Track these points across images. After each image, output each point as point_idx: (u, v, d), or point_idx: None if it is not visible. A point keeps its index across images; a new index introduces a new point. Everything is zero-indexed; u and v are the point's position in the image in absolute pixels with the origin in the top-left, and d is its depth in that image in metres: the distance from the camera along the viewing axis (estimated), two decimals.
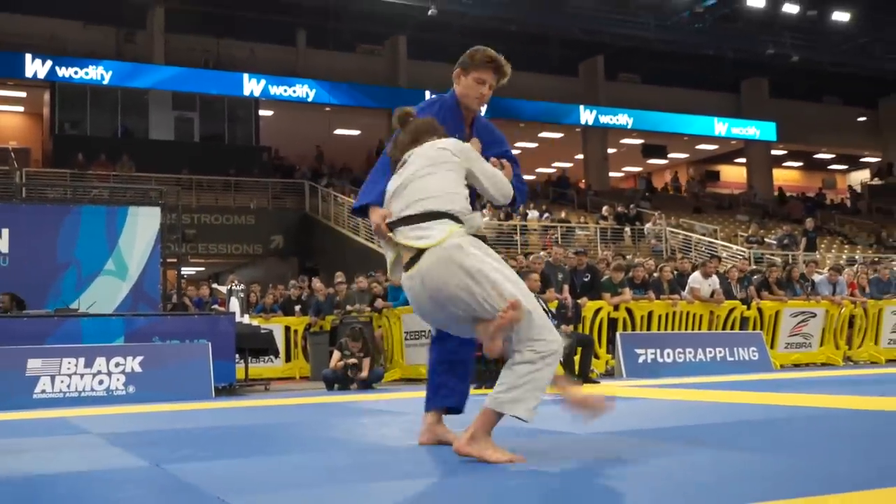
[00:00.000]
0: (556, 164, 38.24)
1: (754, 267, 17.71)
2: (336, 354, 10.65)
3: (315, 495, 2.88)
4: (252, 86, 28.47)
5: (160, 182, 20.75)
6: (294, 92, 29.00)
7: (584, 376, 9.49)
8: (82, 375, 8.99)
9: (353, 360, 10.32)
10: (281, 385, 12.26)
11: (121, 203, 12.14)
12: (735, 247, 24.88)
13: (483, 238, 3.55)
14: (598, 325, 11.79)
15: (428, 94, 30.74)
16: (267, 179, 26.86)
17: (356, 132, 32.85)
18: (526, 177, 4.19)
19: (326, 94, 29.48)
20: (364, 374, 10.34)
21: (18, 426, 6.21)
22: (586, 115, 33.32)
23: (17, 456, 4.33)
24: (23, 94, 29.08)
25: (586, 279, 12.11)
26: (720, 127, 35.54)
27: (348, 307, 13.28)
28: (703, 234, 26.34)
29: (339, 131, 32.59)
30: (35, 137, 29.80)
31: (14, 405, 8.30)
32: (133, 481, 3.30)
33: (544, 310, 4.23)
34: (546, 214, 26.83)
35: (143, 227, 11.43)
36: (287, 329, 14.03)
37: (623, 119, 33.76)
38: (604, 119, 33.56)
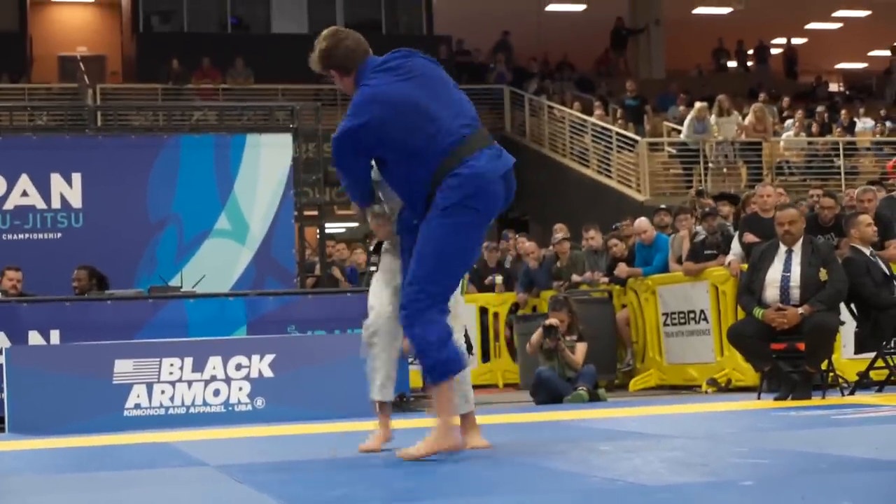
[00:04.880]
0: None
1: None
2: (537, 333, 10.74)
3: None
4: None
5: (291, 96, 21.30)
6: None
7: None
8: (190, 383, 9.41)
9: (552, 321, 10.46)
10: (478, 395, 12.39)
11: (235, 130, 12.54)
12: None
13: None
14: None
15: None
16: None
17: (580, 7, 32.68)
18: (851, 64, 4.09)
19: None
20: (578, 357, 10.48)
21: (107, 455, 6.61)
22: None
23: (112, 498, 4.62)
24: None
25: None
26: None
27: (574, 277, 13.30)
28: None
29: (552, 7, 32.51)
30: (112, 40, 31.15)
31: (100, 425, 8.80)
32: None
33: None
34: (887, 123, 25.83)
35: (267, 163, 11.77)
36: (483, 312, 14.21)
37: None
38: None
